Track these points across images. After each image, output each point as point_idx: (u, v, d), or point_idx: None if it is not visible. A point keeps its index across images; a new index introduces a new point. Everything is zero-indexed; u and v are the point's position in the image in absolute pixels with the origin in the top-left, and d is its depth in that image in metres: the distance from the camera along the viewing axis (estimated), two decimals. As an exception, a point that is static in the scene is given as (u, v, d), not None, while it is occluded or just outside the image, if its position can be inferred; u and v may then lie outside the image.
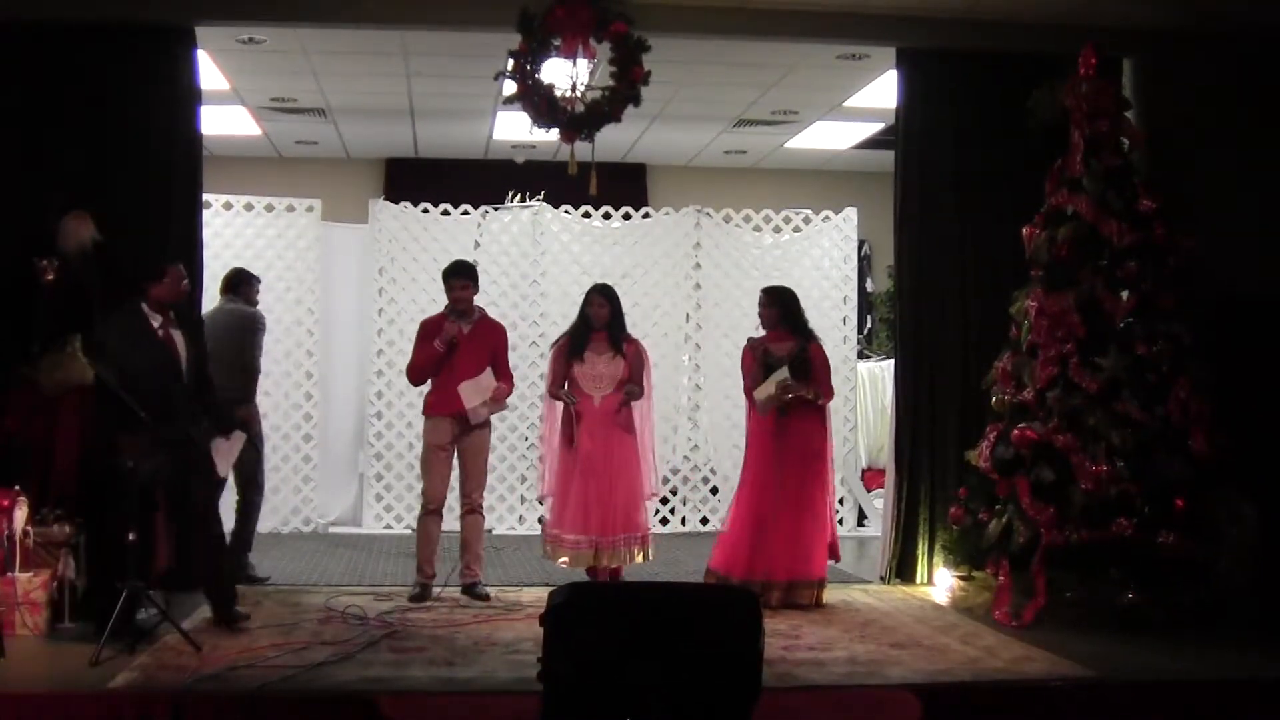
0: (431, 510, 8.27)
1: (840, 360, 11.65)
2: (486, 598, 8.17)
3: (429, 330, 8.35)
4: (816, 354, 8.18)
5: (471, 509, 8.30)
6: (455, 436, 8.22)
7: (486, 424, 8.37)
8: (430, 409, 8.33)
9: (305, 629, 7.20)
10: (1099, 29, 8.37)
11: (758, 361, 8.15)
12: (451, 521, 8.78)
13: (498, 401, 8.37)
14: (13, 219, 8.00)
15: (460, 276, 8.34)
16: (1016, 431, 7.81)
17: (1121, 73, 8.80)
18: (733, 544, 8.11)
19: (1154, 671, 6.51)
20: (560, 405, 8.26)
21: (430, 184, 12.59)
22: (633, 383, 8.20)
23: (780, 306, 8.23)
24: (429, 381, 8.35)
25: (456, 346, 8.16)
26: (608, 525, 8.10)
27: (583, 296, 8.49)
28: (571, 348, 8.28)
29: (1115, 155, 8.10)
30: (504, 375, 8.38)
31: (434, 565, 8.26)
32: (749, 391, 8.20)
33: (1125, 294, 7.83)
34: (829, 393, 8.22)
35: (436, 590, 8.22)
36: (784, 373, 7.98)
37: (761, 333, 8.35)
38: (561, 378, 8.30)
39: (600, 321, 8.27)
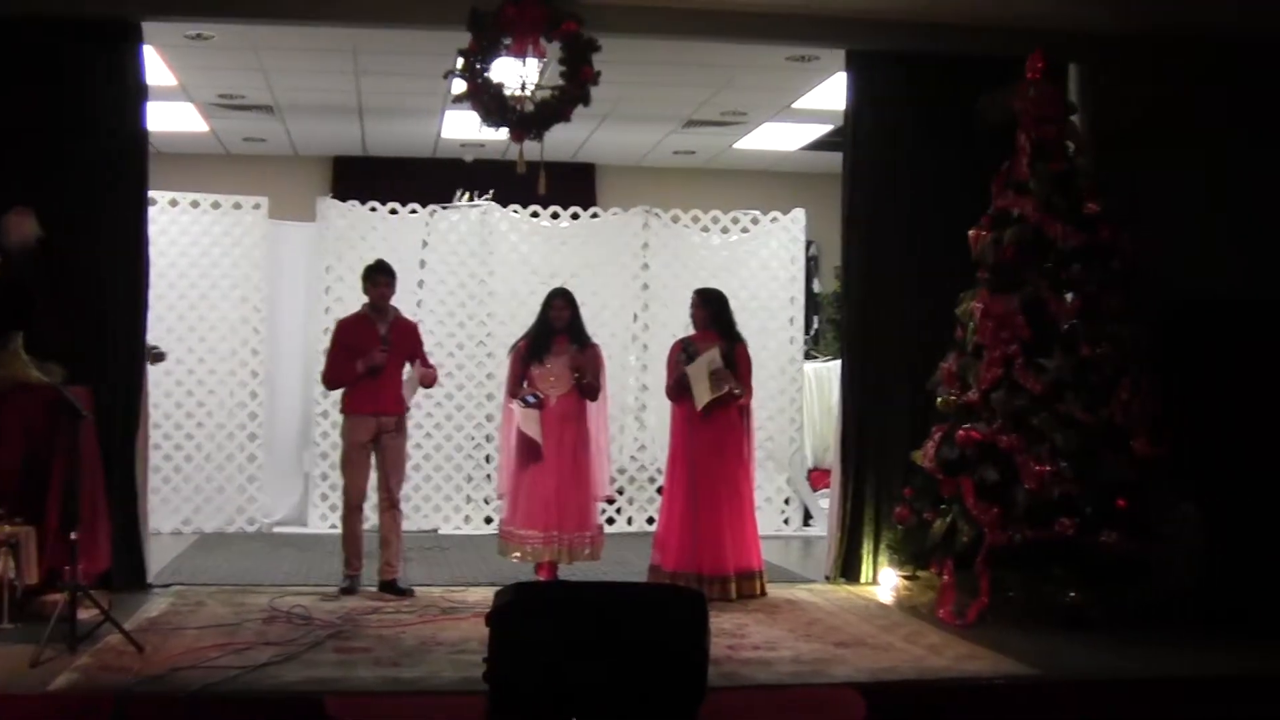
0: (354, 507, 8.36)
1: (787, 361, 11.72)
2: (409, 594, 8.20)
3: (347, 333, 8.49)
4: (741, 355, 8.38)
5: (391, 504, 8.40)
6: (375, 434, 8.29)
7: (404, 422, 8.56)
8: (350, 407, 8.41)
9: (249, 629, 7.14)
10: (1048, 33, 8.43)
11: (681, 360, 8.32)
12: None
13: (428, 384, 8.82)
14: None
15: (388, 274, 8.52)
16: (961, 432, 7.86)
17: (1068, 78, 8.87)
18: (679, 541, 8.19)
19: (1096, 669, 6.57)
20: (517, 406, 8.30)
21: (378, 182, 12.56)
22: (591, 380, 8.30)
23: (711, 308, 8.46)
24: None
25: (380, 370, 8.26)
26: (561, 522, 8.18)
27: (531, 296, 8.53)
28: (531, 350, 8.35)
29: (1061, 159, 8.17)
30: (426, 366, 8.68)
31: (361, 560, 8.36)
32: (670, 389, 8.40)
33: (1070, 296, 7.89)
34: (749, 391, 8.44)
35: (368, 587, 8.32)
36: (715, 354, 8.17)
37: (691, 333, 8.55)
38: (519, 379, 8.36)
39: (561, 324, 8.34)
